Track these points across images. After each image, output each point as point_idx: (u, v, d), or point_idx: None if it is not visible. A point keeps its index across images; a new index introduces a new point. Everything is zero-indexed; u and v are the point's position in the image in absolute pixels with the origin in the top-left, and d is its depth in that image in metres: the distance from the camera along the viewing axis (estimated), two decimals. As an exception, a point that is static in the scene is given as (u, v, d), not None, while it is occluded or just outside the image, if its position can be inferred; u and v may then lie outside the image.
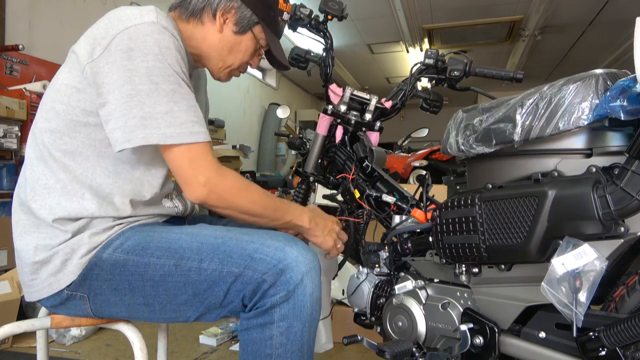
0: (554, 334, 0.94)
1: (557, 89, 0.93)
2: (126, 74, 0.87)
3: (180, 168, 0.91)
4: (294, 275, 0.84)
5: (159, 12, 0.95)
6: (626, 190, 0.81)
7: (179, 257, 0.90)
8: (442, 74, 1.39)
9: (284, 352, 0.84)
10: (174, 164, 0.92)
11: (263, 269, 0.84)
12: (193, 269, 0.88)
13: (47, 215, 0.93)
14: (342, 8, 1.40)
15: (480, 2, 5.23)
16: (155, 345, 1.32)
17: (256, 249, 0.87)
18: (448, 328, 1.09)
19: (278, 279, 0.84)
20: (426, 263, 1.18)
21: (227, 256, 0.87)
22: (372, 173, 1.35)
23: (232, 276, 0.86)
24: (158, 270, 0.90)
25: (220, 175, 0.92)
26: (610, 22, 5.69)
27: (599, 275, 0.81)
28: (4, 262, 2.43)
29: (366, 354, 2.06)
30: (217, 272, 0.87)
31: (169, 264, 0.90)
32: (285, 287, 0.84)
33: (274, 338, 0.83)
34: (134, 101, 0.87)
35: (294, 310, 0.84)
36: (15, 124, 2.65)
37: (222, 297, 0.88)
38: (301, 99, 9.27)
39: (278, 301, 0.84)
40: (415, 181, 4.65)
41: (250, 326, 0.86)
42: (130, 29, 0.89)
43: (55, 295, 0.94)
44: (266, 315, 0.84)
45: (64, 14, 3.61)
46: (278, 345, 0.83)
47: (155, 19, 0.92)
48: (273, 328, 0.84)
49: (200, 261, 0.88)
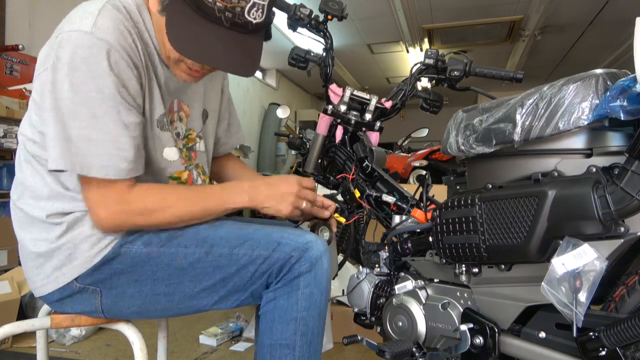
0: (554, 334, 0.94)
1: (557, 89, 0.93)
2: (50, 86, 0.86)
3: (87, 199, 0.91)
4: (315, 252, 0.94)
5: (107, 10, 0.87)
6: (626, 190, 0.81)
7: (209, 245, 0.95)
8: (442, 74, 1.39)
9: (307, 315, 0.93)
10: (83, 190, 0.91)
11: (289, 250, 0.94)
12: (224, 254, 0.94)
13: (40, 213, 0.94)
14: (342, 8, 1.40)
15: (480, 2, 5.23)
16: (155, 345, 1.32)
17: (282, 236, 0.96)
18: (448, 328, 1.09)
19: (303, 254, 0.93)
20: (426, 263, 1.18)
21: (256, 242, 0.95)
22: (372, 173, 1.35)
23: (262, 258, 0.94)
24: (188, 258, 0.94)
25: (127, 203, 0.90)
26: (610, 22, 5.69)
27: (599, 275, 0.81)
28: (4, 262, 2.43)
29: (366, 354, 2.06)
30: (247, 256, 0.94)
31: (199, 252, 0.94)
32: (309, 260, 0.93)
33: (299, 302, 0.93)
34: (57, 117, 0.85)
35: (315, 280, 0.94)
36: (15, 124, 2.65)
37: (248, 279, 0.95)
38: (301, 99, 9.27)
39: (303, 271, 0.93)
40: (415, 181, 4.65)
41: (277, 295, 0.94)
42: (63, 35, 0.86)
43: (62, 289, 0.95)
44: (292, 284, 0.93)
45: (64, 14, 3.59)
46: (302, 309, 0.93)
47: (91, 27, 0.85)
48: (299, 294, 0.93)
49: (231, 248, 0.95)
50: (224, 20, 0.87)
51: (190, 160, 1.10)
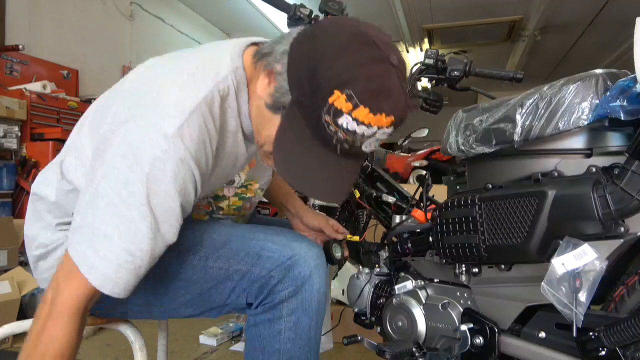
0: (554, 334, 0.94)
1: (557, 89, 0.93)
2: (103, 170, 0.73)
3: (54, 277, 0.76)
4: (302, 270, 0.82)
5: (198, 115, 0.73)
6: (626, 190, 0.81)
7: (185, 254, 0.84)
8: (442, 74, 1.39)
9: (292, 346, 0.82)
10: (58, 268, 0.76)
11: (270, 266, 0.82)
12: (198, 267, 0.84)
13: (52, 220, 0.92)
14: (342, 8, 1.39)
15: (480, 2, 5.23)
16: (155, 345, 1.32)
17: (263, 245, 0.84)
18: (448, 328, 1.09)
19: (286, 274, 0.81)
20: (426, 263, 1.18)
21: (233, 254, 0.84)
22: (372, 173, 1.35)
23: (239, 274, 0.83)
24: (164, 268, 0.82)
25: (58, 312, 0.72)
26: (610, 22, 5.69)
27: (599, 275, 0.81)
28: (4, 262, 2.43)
29: (366, 354, 2.06)
30: (223, 271, 0.84)
31: (173, 262, 0.84)
32: (293, 282, 0.81)
33: (282, 333, 0.82)
34: (89, 201, 0.74)
35: (302, 305, 0.82)
36: (15, 124, 2.65)
37: (226, 296, 0.85)
38: (301, 99, 9.25)
39: (286, 296, 0.81)
40: (415, 181, 4.64)
41: (258, 322, 0.84)
42: (143, 124, 0.72)
43: None
44: (274, 311, 0.82)
45: (64, 14, 3.61)
46: (286, 339, 0.82)
47: (177, 131, 0.71)
48: (281, 323, 0.82)
49: (205, 259, 0.85)
50: (339, 150, 0.74)
51: (239, 210, 1.03)
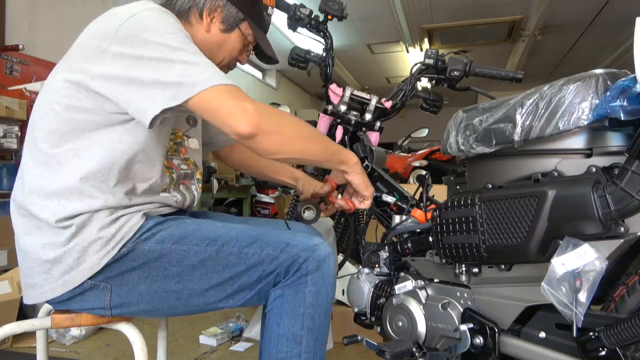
0: (554, 334, 0.94)
1: (557, 89, 0.93)
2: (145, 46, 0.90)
3: (224, 103, 0.89)
4: (322, 252, 1.00)
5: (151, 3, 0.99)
6: (626, 190, 0.81)
7: (220, 244, 0.99)
8: (442, 74, 1.39)
9: (314, 311, 0.98)
10: (213, 105, 0.89)
11: (297, 251, 0.99)
12: (234, 253, 0.99)
13: (49, 217, 0.93)
14: (342, 8, 1.40)
15: (480, 2, 5.23)
16: (155, 345, 1.32)
17: (290, 237, 1.01)
18: (448, 328, 1.09)
19: (311, 255, 0.99)
20: (426, 263, 1.18)
21: (265, 243, 1.00)
22: (372, 173, 1.35)
23: (270, 258, 0.99)
24: (199, 255, 0.97)
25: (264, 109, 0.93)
26: (610, 22, 5.69)
27: (599, 275, 0.81)
28: (4, 262, 2.43)
29: (366, 354, 2.06)
30: (256, 256, 0.99)
31: (210, 250, 0.98)
32: (317, 260, 0.98)
33: (307, 299, 0.98)
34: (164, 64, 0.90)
35: (322, 279, 0.98)
36: (15, 124, 2.64)
37: (256, 278, 0.99)
38: (301, 99, 9.27)
39: (311, 270, 0.98)
40: (415, 181, 4.65)
41: (285, 292, 0.99)
42: (134, 16, 0.92)
43: (70, 290, 0.95)
44: (301, 281, 0.98)
45: (64, 14, 3.61)
46: (309, 305, 0.98)
47: (147, 3, 0.97)
48: (306, 291, 0.98)
49: (240, 247, 0.99)
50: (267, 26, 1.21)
51: (178, 153, 1.18)
